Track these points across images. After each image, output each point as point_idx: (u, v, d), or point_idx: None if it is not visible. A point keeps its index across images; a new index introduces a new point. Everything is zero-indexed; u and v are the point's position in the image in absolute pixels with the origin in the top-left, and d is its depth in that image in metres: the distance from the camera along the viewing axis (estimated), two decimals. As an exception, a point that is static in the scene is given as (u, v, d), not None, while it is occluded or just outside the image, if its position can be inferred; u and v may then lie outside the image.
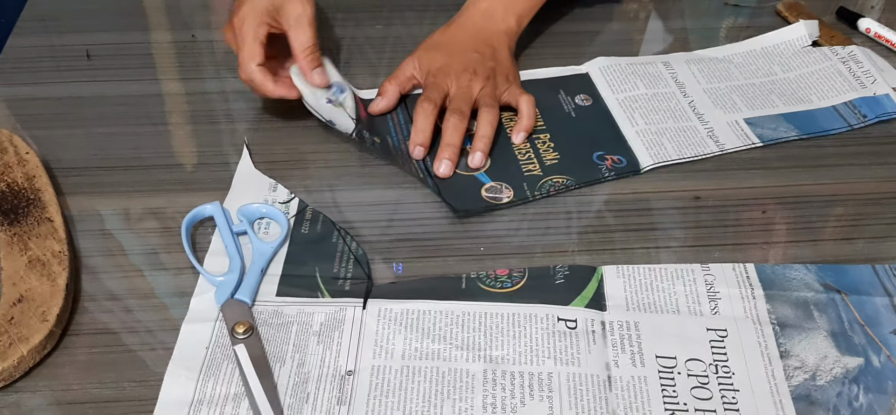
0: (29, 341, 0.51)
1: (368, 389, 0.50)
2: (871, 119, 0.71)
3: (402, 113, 0.71)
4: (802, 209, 0.63)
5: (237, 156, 0.66)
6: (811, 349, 0.53)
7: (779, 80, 0.75)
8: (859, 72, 0.75)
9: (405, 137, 0.68)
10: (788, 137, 0.69)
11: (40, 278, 0.54)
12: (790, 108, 0.72)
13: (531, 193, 0.64)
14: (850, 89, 0.73)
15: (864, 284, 0.57)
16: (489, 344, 0.53)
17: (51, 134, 0.69)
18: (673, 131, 0.69)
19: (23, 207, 0.59)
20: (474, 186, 0.64)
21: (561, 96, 0.73)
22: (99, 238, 0.60)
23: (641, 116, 0.71)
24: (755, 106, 0.72)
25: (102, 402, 0.50)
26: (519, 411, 0.49)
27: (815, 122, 0.71)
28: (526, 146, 0.68)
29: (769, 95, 0.73)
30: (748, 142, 0.68)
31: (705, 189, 0.65)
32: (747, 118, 0.71)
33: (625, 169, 0.66)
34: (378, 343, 0.53)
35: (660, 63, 0.77)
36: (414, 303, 0.55)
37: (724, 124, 0.70)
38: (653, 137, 0.69)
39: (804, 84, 0.75)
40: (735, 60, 0.78)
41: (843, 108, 0.72)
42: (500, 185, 0.64)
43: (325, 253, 0.58)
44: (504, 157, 0.67)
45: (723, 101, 0.73)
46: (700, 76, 0.75)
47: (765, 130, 0.69)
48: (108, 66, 0.76)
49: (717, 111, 0.71)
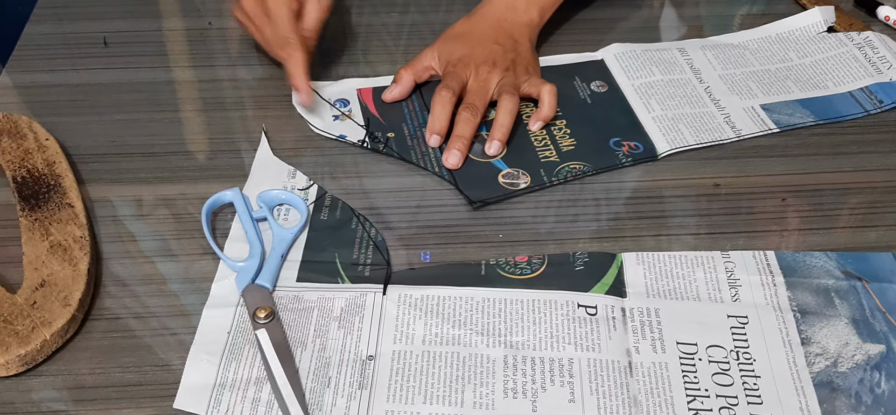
0: (51, 326, 0.51)
1: (390, 373, 0.51)
2: (888, 105, 0.71)
3: (417, 100, 0.71)
4: (822, 197, 0.63)
5: (254, 143, 0.66)
6: (832, 336, 0.53)
7: (794, 65, 0.75)
8: (875, 57, 0.75)
9: (421, 124, 0.68)
10: (805, 122, 0.69)
11: (62, 263, 0.55)
12: (806, 93, 0.72)
13: (549, 179, 0.64)
14: (865, 75, 0.73)
15: (885, 272, 0.57)
16: (509, 330, 0.53)
17: (68, 121, 0.69)
18: (689, 117, 0.69)
19: (44, 192, 0.59)
20: (491, 174, 0.64)
21: (576, 83, 0.73)
22: (118, 224, 0.60)
23: (657, 102, 0.71)
24: (771, 92, 0.72)
25: (124, 386, 0.50)
26: (539, 395, 0.49)
27: (832, 107, 0.70)
28: (542, 133, 0.68)
29: (785, 81, 0.73)
30: (765, 127, 0.68)
31: (725, 177, 0.65)
32: (763, 104, 0.71)
33: (642, 155, 0.66)
34: (398, 329, 0.53)
35: (675, 49, 0.77)
36: (434, 289, 0.55)
37: (740, 110, 0.70)
38: (669, 122, 0.68)
39: (820, 70, 0.74)
40: (750, 47, 0.78)
41: (859, 93, 0.72)
42: (517, 171, 0.64)
43: (344, 239, 0.58)
44: (520, 143, 0.67)
45: (739, 87, 0.72)
46: (715, 62, 0.75)
47: (781, 116, 0.69)
48: (125, 53, 0.76)
49: (733, 97, 0.71)
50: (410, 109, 0.70)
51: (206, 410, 0.48)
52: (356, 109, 0.70)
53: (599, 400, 0.49)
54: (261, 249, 0.57)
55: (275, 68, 0.73)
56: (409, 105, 0.70)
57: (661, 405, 0.49)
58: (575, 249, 0.58)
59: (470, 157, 0.65)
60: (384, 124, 0.68)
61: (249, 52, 0.76)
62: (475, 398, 0.49)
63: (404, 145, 0.66)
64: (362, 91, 0.72)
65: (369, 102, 0.70)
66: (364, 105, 0.70)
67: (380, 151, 0.66)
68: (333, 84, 0.73)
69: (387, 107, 0.70)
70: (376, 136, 0.67)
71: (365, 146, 0.66)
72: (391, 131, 0.67)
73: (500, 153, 0.65)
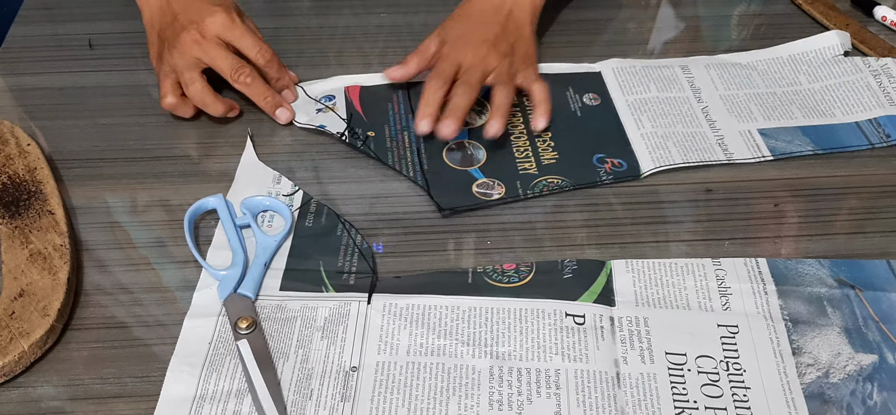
0: (30, 336, 0.50)
1: (373, 385, 0.50)
2: (895, 139, 0.67)
3: (404, 103, 0.70)
4: (816, 202, 0.62)
5: (239, 148, 0.66)
6: (824, 346, 0.52)
7: (802, 90, 0.71)
8: (890, 87, 0.71)
9: (404, 127, 0.67)
10: (802, 151, 0.65)
11: (41, 272, 0.54)
12: (809, 121, 0.68)
13: (523, 191, 0.62)
14: (876, 105, 0.69)
15: (878, 280, 0.56)
16: (496, 340, 0.52)
17: (53, 124, 0.68)
18: (680, 136, 0.67)
19: (24, 199, 0.58)
20: (466, 182, 0.63)
21: (569, 94, 0.71)
22: (102, 230, 0.59)
23: (649, 119, 0.68)
24: (772, 116, 0.69)
25: (104, 398, 0.49)
26: (525, 408, 0.49)
27: (835, 137, 0.67)
28: (525, 144, 0.66)
29: (789, 106, 0.70)
30: (758, 154, 0.65)
31: (717, 181, 0.64)
32: (762, 128, 0.67)
33: (624, 173, 0.64)
34: (383, 339, 0.52)
35: (677, 66, 0.74)
36: (419, 298, 0.54)
37: (736, 133, 0.67)
38: (658, 140, 0.66)
39: (829, 96, 0.71)
40: (758, 67, 0.74)
41: (867, 124, 0.68)
42: (492, 181, 0.63)
43: (329, 246, 0.58)
44: (501, 153, 0.65)
45: (739, 108, 0.69)
46: (718, 82, 0.72)
47: (778, 143, 0.66)
48: (111, 55, 0.75)
49: (731, 119, 0.68)
50: (395, 111, 0.69)
51: None
52: (341, 104, 0.69)
53: (586, 412, 0.48)
54: (244, 257, 0.56)
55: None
56: (394, 107, 0.69)
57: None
58: (564, 257, 0.57)
59: (447, 163, 0.64)
60: (366, 123, 0.68)
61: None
62: (459, 410, 0.48)
63: (383, 146, 0.65)
64: (350, 88, 0.71)
65: (355, 100, 0.70)
66: (349, 101, 0.70)
67: (357, 147, 0.65)
68: (321, 82, 0.72)
69: (371, 106, 0.69)
70: (356, 132, 0.66)
71: (343, 139, 0.66)
72: (372, 131, 0.67)
73: (499, 134, 0.64)
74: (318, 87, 0.72)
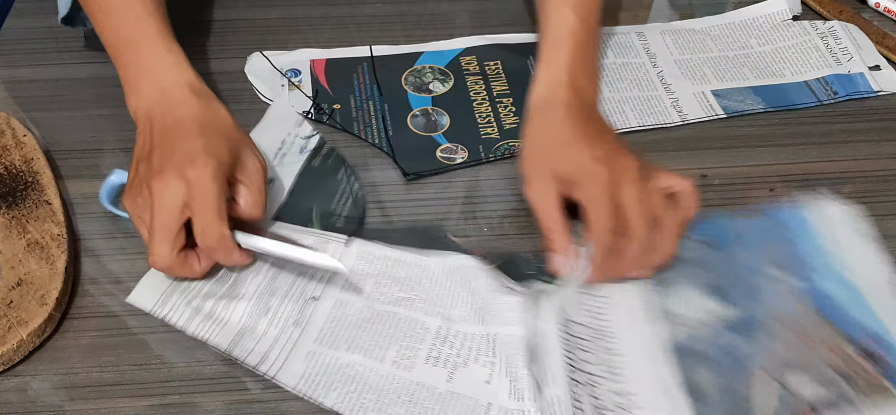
0: (28, 325, 0.50)
1: (326, 317, 0.52)
2: (842, 96, 0.70)
3: (368, 73, 0.72)
4: (811, 187, 0.62)
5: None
6: (692, 303, 0.53)
7: (754, 52, 0.75)
8: (837, 48, 0.74)
9: (369, 97, 0.69)
10: (754, 110, 0.68)
11: (39, 262, 0.54)
12: (761, 81, 0.71)
13: (486, 155, 0.64)
14: (824, 65, 0.72)
15: (731, 238, 0.56)
16: (452, 302, 0.53)
17: (48, 116, 0.68)
18: (636, 100, 0.69)
19: (21, 190, 0.58)
20: (430, 147, 0.65)
21: (530, 62, 0.73)
22: (98, 221, 0.59)
23: (606, 84, 0.71)
24: (725, 78, 0.72)
25: (102, 385, 0.50)
26: (459, 370, 0.50)
27: (785, 95, 0.70)
28: (487, 109, 0.68)
29: (741, 68, 0.73)
30: (712, 113, 0.68)
31: (712, 167, 0.64)
32: (715, 90, 0.70)
33: None
34: (349, 280, 0.54)
35: (634, 33, 0.76)
36: (396, 251, 0.56)
37: (690, 95, 0.70)
38: (615, 105, 0.69)
39: (779, 58, 0.74)
40: (712, 32, 0.77)
41: (815, 83, 0.71)
42: (456, 146, 0.65)
43: (327, 190, 0.60)
44: (465, 119, 0.68)
45: (693, 72, 0.72)
46: (673, 47, 0.75)
47: (730, 102, 0.69)
48: (106, 47, 0.75)
49: (685, 82, 0.71)
50: (360, 81, 0.71)
51: (152, 306, 0.51)
52: (306, 79, 0.71)
53: (511, 384, 0.49)
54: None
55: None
56: (359, 77, 0.71)
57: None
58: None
59: (412, 129, 0.66)
60: (332, 96, 0.69)
61: (230, 44, 0.75)
62: (396, 358, 0.50)
63: (348, 117, 0.67)
64: (315, 62, 0.73)
65: (321, 74, 0.71)
66: (315, 76, 0.71)
67: (324, 122, 0.67)
68: (287, 53, 0.74)
69: (336, 79, 0.71)
70: (322, 107, 0.68)
71: (310, 117, 0.67)
72: (338, 103, 0.69)
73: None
74: (283, 58, 0.73)
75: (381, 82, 0.70)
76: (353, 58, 0.73)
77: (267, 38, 0.75)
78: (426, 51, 0.74)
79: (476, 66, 0.72)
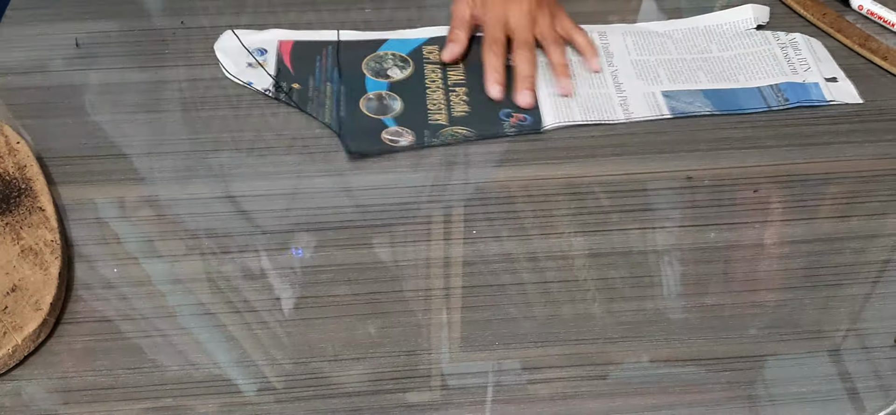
0: (23, 330, 0.51)
1: None
2: (793, 103, 0.70)
3: (331, 56, 0.73)
4: (795, 188, 0.64)
5: (226, 144, 0.66)
6: None
7: (712, 57, 0.75)
8: (795, 59, 0.74)
9: (328, 78, 0.71)
10: (701, 112, 0.69)
11: (33, 267, 0.54)
12: (713, 85, 0.72)
13: (430, 140, 0.66)
14: (780, 73, 0.73)
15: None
16: None
17: (40, 123, 0.68)
18: (584, 96, 0.70)
19: (14, 196, 0.59)
20: (377, 129, 0.67)
21: None
22: (92, 227, 0.60)
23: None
24: (677, 80, 0.72)
25: (98, 389, 0.50)
26: None
27: (734, 100, 0.70)
28: (440, 97, 0.70)
29: (696, 72, 0.73)
30: (658, 113, 0.69)
31: (698, 169, 0.65)
32: (665, 91, 0.71)
33: (527, 126, 0.68)
34: None
35: (596, 33, 0.77)
36: None
37: (639, 95, 0.71)
38: (562, 100, 0.70)
39: (736, 64, 0.74)
40: (674, 36, 0.78)
41: (767, 89, 0.71)
42: (402, 130, 0.67)
43: None
44: (417, 105, 0.69)
45: (646, 72, 0.73)
46: (632, 48, 0.76)
47: (678, 103, 0.70)
48: (98, 54, 0.76)
49: (638, 82, 0.72)
50: (322, 64, 0.72)
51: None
52: (271, 59, 0.73)
53: None
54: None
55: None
56: (322, 60, 0.73)
57: None
58: (550, 243, 0.58)
59: (363, 111, 0.68)
60: (292, 75, 0.71)
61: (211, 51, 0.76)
62: None
63: (304, 97, 0.69)
64: (283, 43, 0.74)
65: (286, 54, 0.73)
66: (280, 55, 0.73)
67: (280, 99, 0.69)
68: (256, 32, 0.76)
69: (300, 60, 0.73)
70: (281, 86, 0.70)
71: (268, 94, 0.69)
72: (297, 83, 0.70)
73: (572, 91, 0.70)
74: (252, 37, 0.75)
75: (342, 65, 0.72)
76: (320, 41, 0.75)
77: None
78: (391, 38, 0.76)
79: (437, 56, 0.74)
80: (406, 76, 0.71)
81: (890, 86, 0.73)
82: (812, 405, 0.50)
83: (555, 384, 0.51)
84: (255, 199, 0.62)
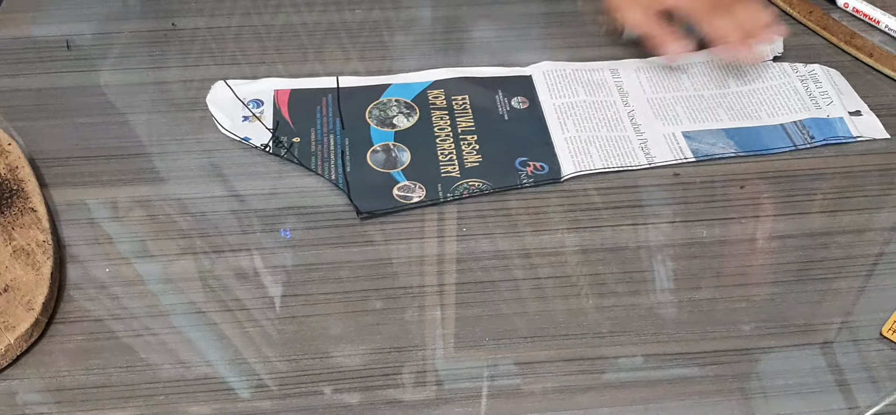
0: (15, 330, 0.51)
1: None
2: (819, 141, 0.67)
3: (332, 105, 0.70)
4: (783, 184, 0.64)
5: (220, 144, 0.66)
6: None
7: (730, 92, 0.72)
8: (816, 92, 0.72)
9: (330, 130, 0.67)
10: (725, 154, 0.66)
11: (25, 268, 0.54)
12: (735, 123, 0.69)
13: (444, 194, 0.63)
14: (802, 108, 0.70)
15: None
16: None
17: (31, 125, 0.68)
18: (603, 140, 0.67)
19: (6, 197, 0.59)
20: (387, 185, 0.63)
21: (498, 97, 0.71)
22: (83, 228, 0.60)
23: (574, 122, 0.68)
24: (698, 119, 0.69)
25: (90, 388, 0.50)
26: None
27: (759, 139, 0.68)
28: (450, 147, 0.66)
29: (716, 109, 0.70)
30: (680, 156, 0.66)
31: (685, 165, 0.65)
32: (686, 131, 0.68)
33: (545, 176, 0.64)
34: None
35: (607, 70, 0.74)
36: None
37: (660, 136, 0.68)
38: (581, 144, 0.66)
39: (756, 99, 0.72)
40: (689, 71, 0.74)
41: (791, 127, 0.69)
42: (414, 184, 0.63)
43: None
44: (426, 156, 0.66)
45: (664, 112, 0.70)
46: (646, 85, 0.73)
47: (701, 145, 0.67)
48: (89, 55, 0.76)
49: (656, 122, 0.69)
50: (323, 113, 0.69)
51: None
52: (268, 111, 0.69)
53: None
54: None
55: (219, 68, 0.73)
56: (322, 110, 0.69)
57: None
58: (542, 240, 0.58)
59: (370, 165, 0.64)
60: (292, 129, 0.67)
61: (213, 52, 0.76)
62: None
63: (306, 151, 0.65)
64: (279, 93, 0.71)
65: (283, 105, 0.69)
66: (277, 107, 0.69)
67: (281, 155, 0.65)
68: (250, 83, 0.72)
69: (299, 110, 0.69)
70: (280, 140, 0.66)
71: (267, 150, 0.66)
72: (297, 136, 0.67)
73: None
74: (246, 87, 0.71)
75: (344, 115, 0.68)
76: (319, 88, 0.71)
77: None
78: (394, 83, 0.72)
79: (443, 100, 0.70)
80: (412, 124, 0.67)
81: (875, 82, 0.74)
82: (801, 398, 0.51)
83: (546, 380, 0.52)
84: (247, 198, 0.63)
